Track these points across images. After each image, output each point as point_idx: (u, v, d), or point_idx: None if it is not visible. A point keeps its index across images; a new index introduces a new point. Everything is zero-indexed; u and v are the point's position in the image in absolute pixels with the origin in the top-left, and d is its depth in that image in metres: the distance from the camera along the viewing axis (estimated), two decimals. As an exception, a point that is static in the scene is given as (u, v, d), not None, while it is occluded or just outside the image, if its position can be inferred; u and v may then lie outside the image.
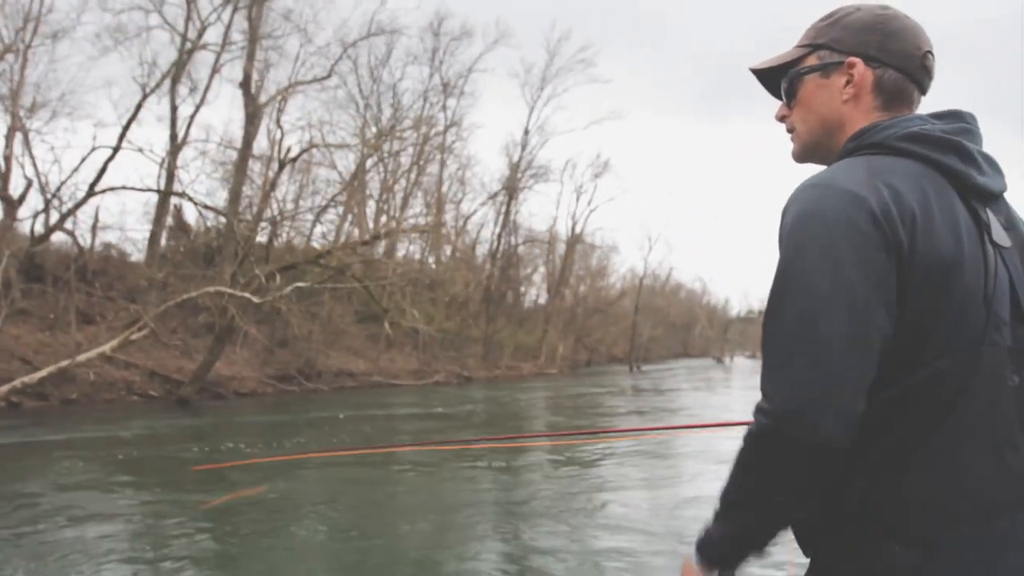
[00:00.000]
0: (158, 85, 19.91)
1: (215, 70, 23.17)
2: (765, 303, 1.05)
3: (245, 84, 24.63)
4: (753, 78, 1.26)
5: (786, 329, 0.99)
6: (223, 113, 49.75)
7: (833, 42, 1.14)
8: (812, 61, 1.16)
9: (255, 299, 15.47)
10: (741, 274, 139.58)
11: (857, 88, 1.12)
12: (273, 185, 18.98)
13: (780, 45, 1.23)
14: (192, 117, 22.45)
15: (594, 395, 24.51)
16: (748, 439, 1.01)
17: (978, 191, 1.06)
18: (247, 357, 23.96)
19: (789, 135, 1.22)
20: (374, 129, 36.07)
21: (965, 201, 1.04)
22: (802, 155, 1.21)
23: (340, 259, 18.19)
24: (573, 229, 44.96)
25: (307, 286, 17.75)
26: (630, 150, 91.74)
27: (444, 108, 39.29)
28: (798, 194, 1.03)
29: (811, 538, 1.07)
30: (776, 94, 1.24)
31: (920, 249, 0.97)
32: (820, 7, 1.22)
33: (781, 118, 1.22)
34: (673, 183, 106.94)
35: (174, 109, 22.06)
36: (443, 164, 39.01)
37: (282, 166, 19.14)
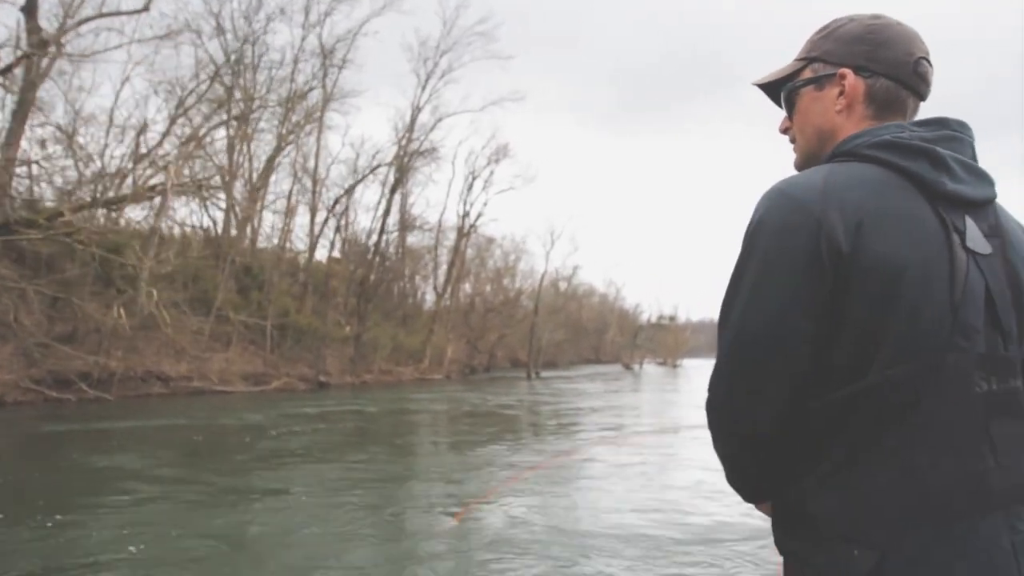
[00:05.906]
0: None
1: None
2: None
3: (29, 9, 19.57)
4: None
5: (720, 329, 1.07)
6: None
7: (826, 55, 1.18)
8: (807, 74, 1.20)
9: None
10: (653, 279, 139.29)
11: (849, 99, 1.15)
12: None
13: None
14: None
15: (447, 411, 20.28)
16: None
17: (949, 198, 1.05)
18: (8, 355, 18.60)
19: (792, 146, 1.26)
20: (238, 95, 31.11)
21: (934, 208, 1.04)
22: (801, 165, 1.23)
23: (69, 223, 13.27)
24: (465, 218, 40.60)
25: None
26: (537, 147, 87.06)
27: (324, 75, 34.57)
28: (760, 199, 1.07)
29: (781, 538, 1.10)
30: (780, 106, 1.27)
31: (865, 255, 0.98)
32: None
33: (784, 130, 1.26)
34: (584, 186, 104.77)
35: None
36: (320, 138, 34.24)
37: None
